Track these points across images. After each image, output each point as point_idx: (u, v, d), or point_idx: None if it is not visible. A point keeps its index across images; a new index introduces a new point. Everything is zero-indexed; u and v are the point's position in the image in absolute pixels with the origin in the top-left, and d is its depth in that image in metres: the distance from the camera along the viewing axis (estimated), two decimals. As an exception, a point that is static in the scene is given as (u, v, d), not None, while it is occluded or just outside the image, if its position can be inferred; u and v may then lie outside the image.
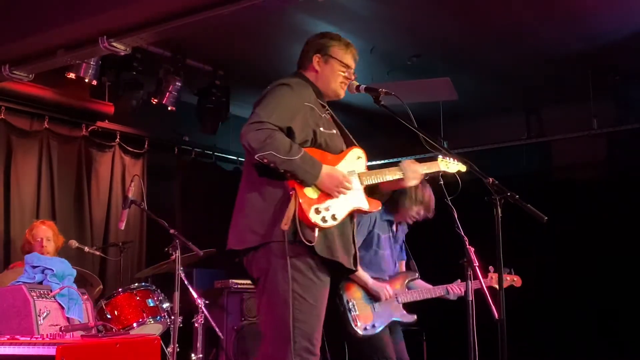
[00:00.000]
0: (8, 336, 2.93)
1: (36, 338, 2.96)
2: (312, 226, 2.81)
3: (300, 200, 2.79)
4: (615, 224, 6.61)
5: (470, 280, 3.26)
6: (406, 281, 4.51)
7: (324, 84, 3.11)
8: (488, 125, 7.73)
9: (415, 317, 4.48)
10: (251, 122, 2.79)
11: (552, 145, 7.57)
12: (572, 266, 6.81)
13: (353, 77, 3.13)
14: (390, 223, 4.57)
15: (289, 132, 2.84)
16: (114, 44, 4.40)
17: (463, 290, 4.48)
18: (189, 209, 7.27)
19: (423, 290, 4.53)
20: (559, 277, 6.90)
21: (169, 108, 6.39)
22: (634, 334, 6.45)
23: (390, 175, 3.14)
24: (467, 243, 3.40)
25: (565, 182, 7.36)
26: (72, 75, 5.62)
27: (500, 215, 2.81)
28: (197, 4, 3.99)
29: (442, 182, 3.51)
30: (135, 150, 6.88)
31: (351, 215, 3.00)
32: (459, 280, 4.50)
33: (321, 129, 2.96)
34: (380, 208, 3.12)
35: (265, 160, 2.76)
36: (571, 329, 6.76)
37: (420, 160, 3.30)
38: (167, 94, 6.30)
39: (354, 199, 2.99)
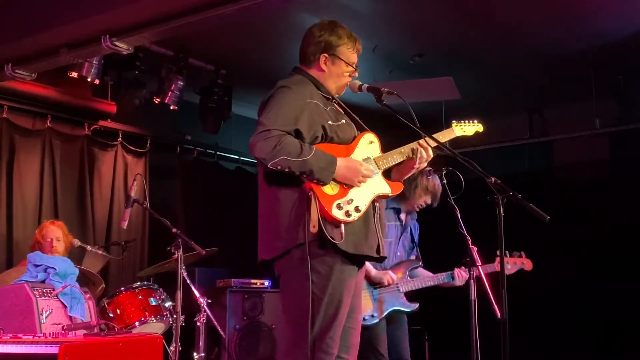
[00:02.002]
0: (11, 335, 2.92)
1: (39, 337, 2.96)
2: (337, 223, 2.78)
3: (320, 199, 2.76)
4: (617, 224, 6.60)
5: (473, 279, 3.26)
6: (408, 269, 4.51)
7: (329, 83, 3.07)
8: (490, 125, 7.68)
9: (417, 305, 4.48)
10: (258, 133, 2.76)
11: (554, 145, 7.56)
12: (574, 266, 6.80)
13: (356, 74, 3.12)
14: (397, 211, 4.56)
15: (297, 134, 2.82)
16: (117, 43, 4.41)
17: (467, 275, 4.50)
18: (191, 208, 7.28)
19: (425, 278, 4.51)
20: (561, 277, 6.89)
21: (171, 107, 6.40)
22: (636, 334, 6.45)
23: (407, 152, 3.09)
24: (470, 242, 3.40)
25: (568, 182, 7.35)
26: (74, 75, 5.63)
27: (502, 214, 2.81)
28: (199, 3, 3.99)
29: (445, 182, 3.52)
30: (137, 150, 6.89)
31: (372, 202, 2.96)
32: (463, 267, 4.52)
33: (329, 122, 2.93)
34: (402, 189, 3.06)
35: (279, 167, 2.74)
36: (572, 329, 6.76)
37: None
38: (170, 93, 6.30)
39: (374, 185, 2.95)
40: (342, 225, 2.78)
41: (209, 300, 5.17)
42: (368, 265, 4.23)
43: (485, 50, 6.08)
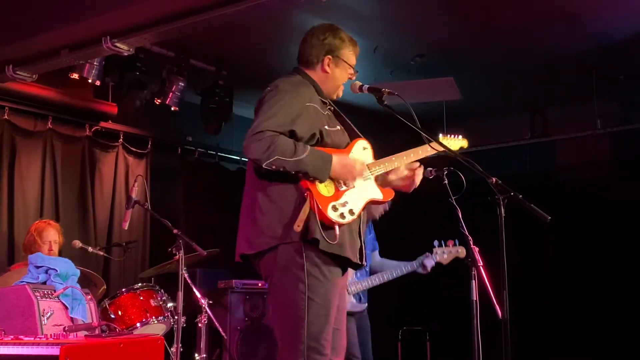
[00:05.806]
0: (12, 336, 2.93)
1: (40, 338, 2.97)
2: (332, 224, 2.79)
3: (317, 200, 2.77)
4: (619, 224, 6.59)
5: (475, 279, 3.25)
6: (354, 271, 4.60)
7: (330, 85, 3.09)
8: (492, 125, 7.72)
9: (365, 305, 4.67)
10: (252, 134, 2.77)
11: (555, 145, 7.56)
12: (576, 266, 6.79)
13: (355, 77, 3.15)
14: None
15: (292, 134, 2.83)
16: (118, 44, 4.41)
17: (434, 262, 4.61)
18: (192, 209, 7.27)
19: (378, 276, 4.66)
20: (563, 277, 6.89)
21: (172, 108, 6.39)
22: (638, 334, 6.44)
23: (397, 161, 3.12)
24: (471, 243, 3.40)
25: (569, 182, 7.34)
26: (75, 76, 5.63)
27: (503, 215, 2.81)
28: (201, 4, 4.00)
29: (446, 182, 3.51)
30: (138, 151, 6.89)
31: (364, 208, 2.98)
32: (427, 253, 4.68)
33: (326, 127, 2.94)
34: (393, 196, 3.11)
35: (274, 167, 2.74)
36: (575, 329, 6.75)
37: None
38: (171, 94, 6.30)
39: (367, 190, 2.98)
40: (337, 227, 2.80)
41: (211, 301, 5.17)
42: None
43: (486, 51, 6.08)
